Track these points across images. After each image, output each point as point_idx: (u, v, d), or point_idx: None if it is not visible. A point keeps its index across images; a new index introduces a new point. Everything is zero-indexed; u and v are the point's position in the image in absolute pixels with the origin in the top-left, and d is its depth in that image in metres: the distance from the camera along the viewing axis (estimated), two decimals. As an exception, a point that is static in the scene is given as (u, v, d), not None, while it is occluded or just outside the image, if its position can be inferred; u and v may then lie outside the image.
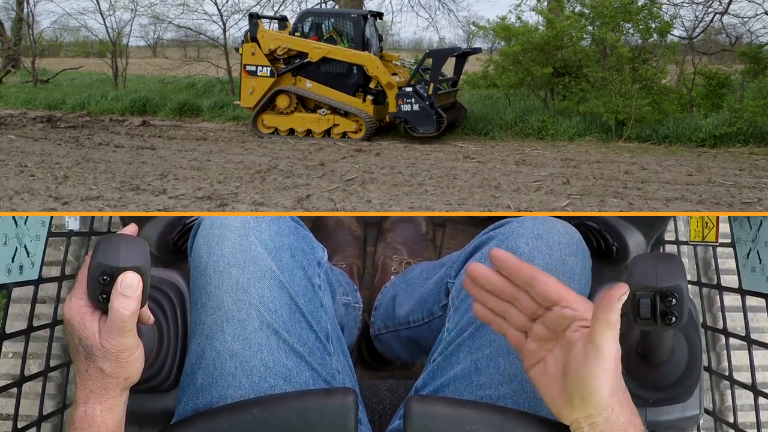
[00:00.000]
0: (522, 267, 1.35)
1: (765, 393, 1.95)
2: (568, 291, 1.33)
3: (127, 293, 1.37)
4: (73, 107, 9.36)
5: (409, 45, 21.54)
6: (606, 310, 1.25)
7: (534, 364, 1.38)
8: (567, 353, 1.32)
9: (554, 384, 1.34)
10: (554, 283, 1.33)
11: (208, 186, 5.04)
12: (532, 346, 1.38)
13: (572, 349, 1.30)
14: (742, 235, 1.97)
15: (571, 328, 1.32)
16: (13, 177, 5.32)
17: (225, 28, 10.49)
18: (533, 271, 1.34)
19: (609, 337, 1.26)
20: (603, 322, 1.25)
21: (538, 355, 1.37)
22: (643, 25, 7.34)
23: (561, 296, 1.32)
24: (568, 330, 1.32)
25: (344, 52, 7.12)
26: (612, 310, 1.25)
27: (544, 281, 1.33)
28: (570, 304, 1.32)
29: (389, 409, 2.14)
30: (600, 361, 1.26)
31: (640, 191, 5.02)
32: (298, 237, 1.79)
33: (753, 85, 7.58)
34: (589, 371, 1.27)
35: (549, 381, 1.35)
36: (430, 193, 4.88)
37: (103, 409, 1.42)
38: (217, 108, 8.82)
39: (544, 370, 1.36)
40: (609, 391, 1.28)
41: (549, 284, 1.33)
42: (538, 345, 1.38)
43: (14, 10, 12.17)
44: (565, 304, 1.32)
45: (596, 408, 1.29)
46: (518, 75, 7.67)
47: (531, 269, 1.34)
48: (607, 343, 1.26)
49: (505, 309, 1.41)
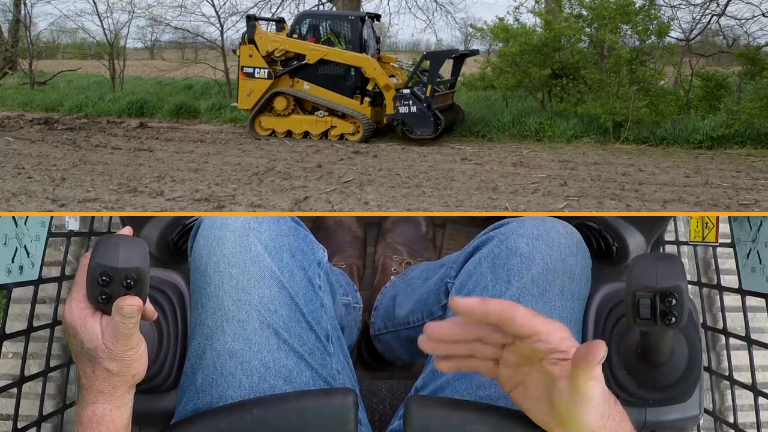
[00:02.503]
0: (488, 311, 1.27)
1: (765, 393, 1.95)
2: (540, 322, 1.28)
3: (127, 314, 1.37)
4: (71, 109, 9.36)
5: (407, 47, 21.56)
6: (587, 369, 1.21)
7: (514, 387, 1.36)
8: (550, 386, 1.29)
9: (541, 406, 1.33)
10: (524, 319, 1.27)
11: (205, 188, 5.04)
12: (506, 372, 1.35)
13: (555, 386, 1.28)
14: (742, 236, 1.97)
15: (548, 360, 1.28)
16: (10, 179, 5.32)
17: (222, 30, 10.52)
18: (500, 308, 1.27)
19: (594, 384, 1.24)
20: (584, 378, 1.22)
21: (516, 380, 1.35)
22: (641, 26, 7.35)
23: (533, 330, 1.27)
24: (544, 362, 1.28)
25: (342, 54, 7.13)
26: (593, 370, 1.22)
27: (513, 317, 1.27)
28: (543, 337, 1.27)
29: (389, 409, 2.14)
30: (587, 403, 1.25)
31: (638, 193, 5.03)
32: (298, 237, 1.79)
33: (750, 86, 7.59)
34: (577, 412, 1.26)
35: (534, 404, 1.34)
36: (427, 195, 4.88)
37: (113, 407, 1.42)
38: (214, 110, 8.82)
39: (526, 394, 1.34)
40: (599, 418, 1.27)
41: (519, 322, 1.27)
42: (512, 371, 1.35)
43: (11, 11, 12.17)
44: (537, 338, 1.27)
45: (589, 430, 1.28)
46: (516, 77, 7.68)
47: (497, 308, 1.27)
48: (592, 390, 1.24)
49: (472, 349, 1.36)
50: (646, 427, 1.91)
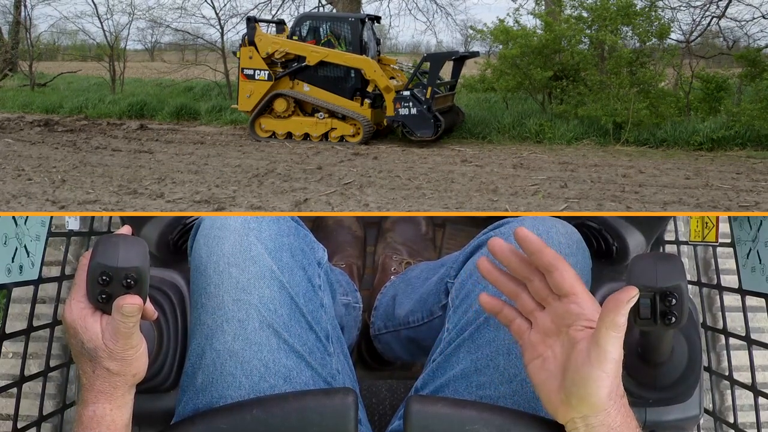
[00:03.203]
0: (544, 250, 1.33)
1: (765, 393, 1.95)
2: (581, 287, 1.33)
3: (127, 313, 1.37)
4: (71, 111, 9.37)
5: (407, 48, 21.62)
6: (614, 312, 1.25)
7: (534, 359, 1.38)
8: (569, 351, 1.31)
9: (552, 381, 1.34)
10: (570, 276, 1.32)
11: (205, 190, 5.04)
12: (534, 338, 1.38)
13: (575, 348, 1.30)
14: (742, 235, 1.97)
15: (575, 327, 1.31)
16: (11, 181, 5.32)
17: (223, 32, 10.53)
18: (554, 257, 1.32)
19: (614, 340, 1.25)
20: (609, 324, 1.25)
21: (539, 350, 1.37)
22: (641, 28, 7.35)
23: (573, 290, 1.32)
24: (571, 328, 1.32)
25: (342, 56, 7.13)
26: (620, 313, 1.25)
27: (561, 270, 1.32)
28: (579, 301, 1.32)
29: (389, 409, 2.14)
30: (602, 363, 1.26)
31: (638, 195, 5.03)
32: (298, 237, 1.79)
33: (750, 88, 7.60)
34: (590, 373, 1.27)
35: (547, 377, 1.35)
36: (427, 196, 4.88)
37: (113, 407, 1.42)
38: (214, 111, 8.83)
39: (543, 366, 1.36)
40: (607, 393, 1.27)
41: (565, 275, 1.32)
42: (539, 338, 1.37)
43: (12, 13, 12.18)
44: (573, 300, 1.32)
45: (593, 409, 1.28)
46: (516, 79, 7.68)
47: (552, 255, 1.33)
48: (611, 346, 1.25)
49: (516, 292, 1.41)
50: (646, 427, 1.91)
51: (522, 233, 1.34)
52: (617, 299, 1.25)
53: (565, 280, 1.32)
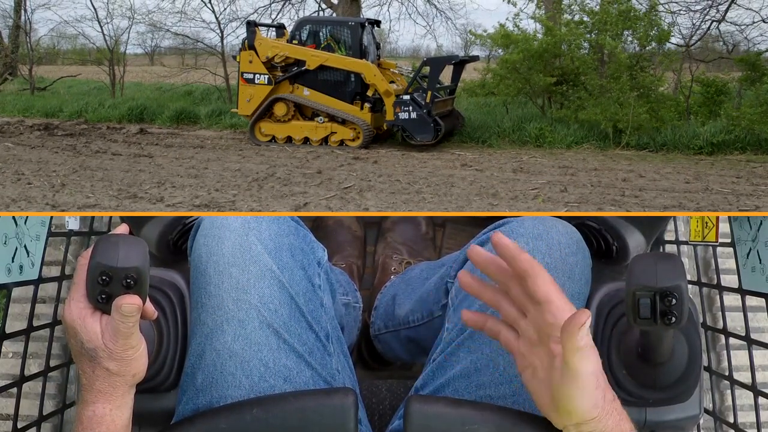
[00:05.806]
0: (519, 256, 1.31)
1: (765, 393, 1.94)
2: (557, 295, 1.30)
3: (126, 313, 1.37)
4: (71, 115, 9.39)
5: (407, 53, 21.62)
6: (571, 338, 1.23)
7: (525, 368, 1.38)
8: (549, 366, 1.31)
9: (544, 390, 1.34)
10: (545, 282, 1.30)
11: (205, 194, 5.04)
12: (523, 349, 1.37)
13: (553, 364, 1.30)
14: (742, 235, 1.97)
15: (553, 338, 1.30)
16: (10, 185, 5.32)
17: (222, 36, 10.57)
18: (529, 263, 1.31)
19: (582, 359, 1.24)
20: (571, 348, 1.23)
21: (528, 360, 1.36)
22: (641, 32, 7.36)
23: (548, 297, 1.30)
24: (551, 339, 1.30)
25: (342, 60, 7.14)
26: (576, 338, 1.22)
27: (535, 276, 1.30)
28: (553, 310, 1.29)
29: (389, 409, 2.14)
30: (576, 381, 1.26)
31: (638, 199, 5.03)
32: (298, 237, 1.79)
33: (750, 92, 7.61)
34: (568, 391, 1.27)
35: (539, 386, 1.35)
36: (427, 201, 4.89)
37: (113, 408, 1.42)
38: (214, 116, 8.84)
39: (534, 375, 1.36)
40: (591, 405, 1.28)
41: (539, 282, 1.30)
42: (527, 348, 1.36)
43: (12, 17, 12.19)
44: (548, 308, 1.30)
45: (581, 419, 1.29)
46: (517, 84, 7.69)
47: (527, 261, 1.31)
48: (580, 364, 1.25)
49: (497, 301, 1.40)
50: (646, 427, 1.91)
51: (497, 239, 1.34)
52: (569, 326, 1.23)
53: (539, 287, 1.30)
